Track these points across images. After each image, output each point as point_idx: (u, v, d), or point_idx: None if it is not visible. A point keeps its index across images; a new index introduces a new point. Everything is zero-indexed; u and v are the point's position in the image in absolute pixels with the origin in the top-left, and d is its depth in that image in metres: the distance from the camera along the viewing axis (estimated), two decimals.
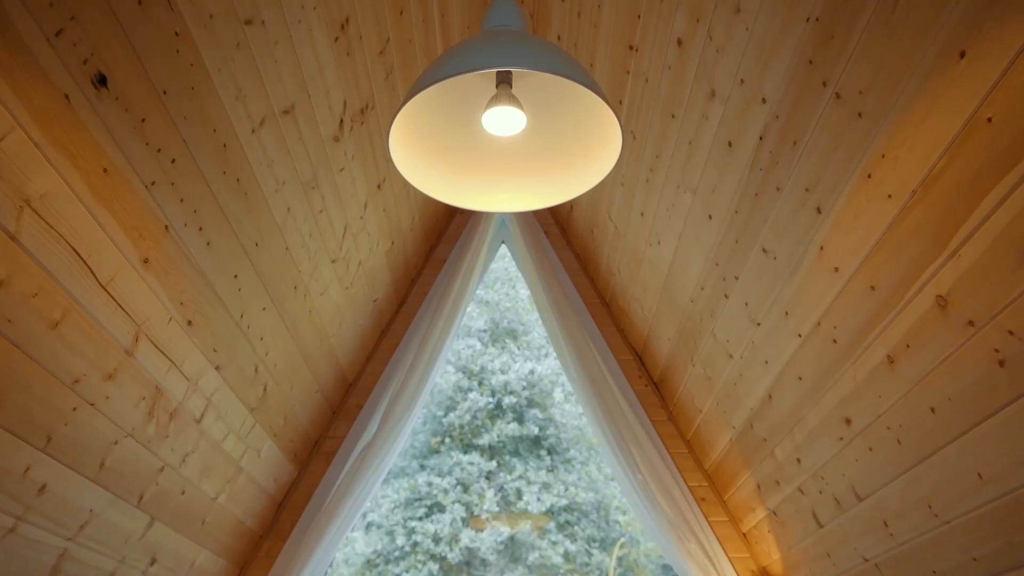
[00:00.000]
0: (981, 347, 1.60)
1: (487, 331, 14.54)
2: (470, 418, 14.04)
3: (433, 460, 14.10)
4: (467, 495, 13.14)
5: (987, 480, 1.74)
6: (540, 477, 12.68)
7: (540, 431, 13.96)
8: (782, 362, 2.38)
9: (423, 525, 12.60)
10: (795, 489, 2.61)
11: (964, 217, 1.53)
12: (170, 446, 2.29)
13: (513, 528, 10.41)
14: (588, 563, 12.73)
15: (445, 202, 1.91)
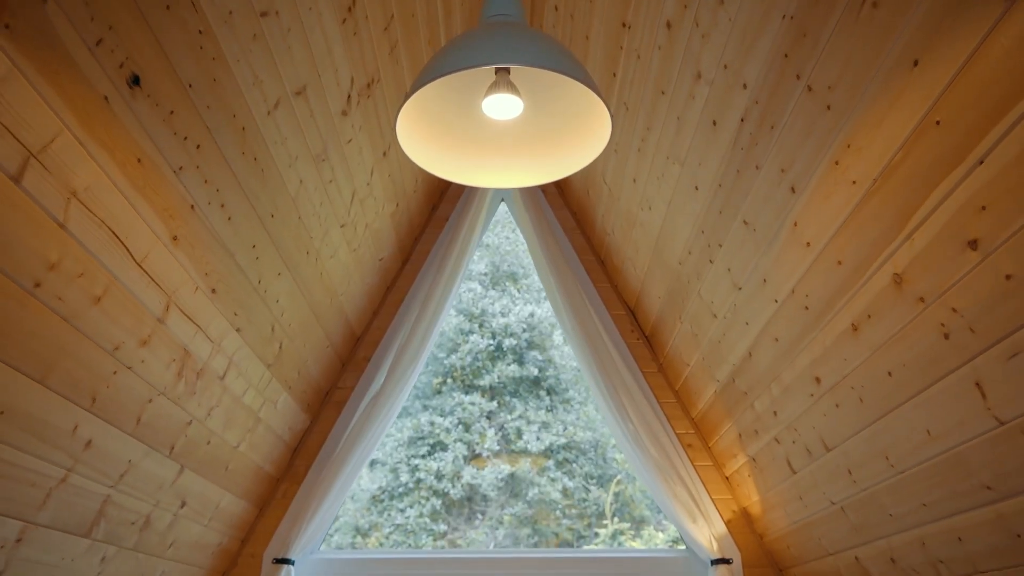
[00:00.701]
0: (930, 321, 1.79)
1: (487, 274, 14.72)
2: (471, 360, 14.31)
3: (435, 401, 14.40)
4: (468, 434, 13.49)
5: (935, 436, 1.94)
6: (539, 417, 13.01)
7: (539, 372, 14.24)
8: (760, 324, 2.57)
9: (426, 463, 12.96)
10: (772, 439, 2.83)
11: (917, 205, 1.70)
12: (197, 402, 2.50)
13: (513, 466, 10.76)
14: (586, 499, 13.12)
15: (450, 180, 2.08)
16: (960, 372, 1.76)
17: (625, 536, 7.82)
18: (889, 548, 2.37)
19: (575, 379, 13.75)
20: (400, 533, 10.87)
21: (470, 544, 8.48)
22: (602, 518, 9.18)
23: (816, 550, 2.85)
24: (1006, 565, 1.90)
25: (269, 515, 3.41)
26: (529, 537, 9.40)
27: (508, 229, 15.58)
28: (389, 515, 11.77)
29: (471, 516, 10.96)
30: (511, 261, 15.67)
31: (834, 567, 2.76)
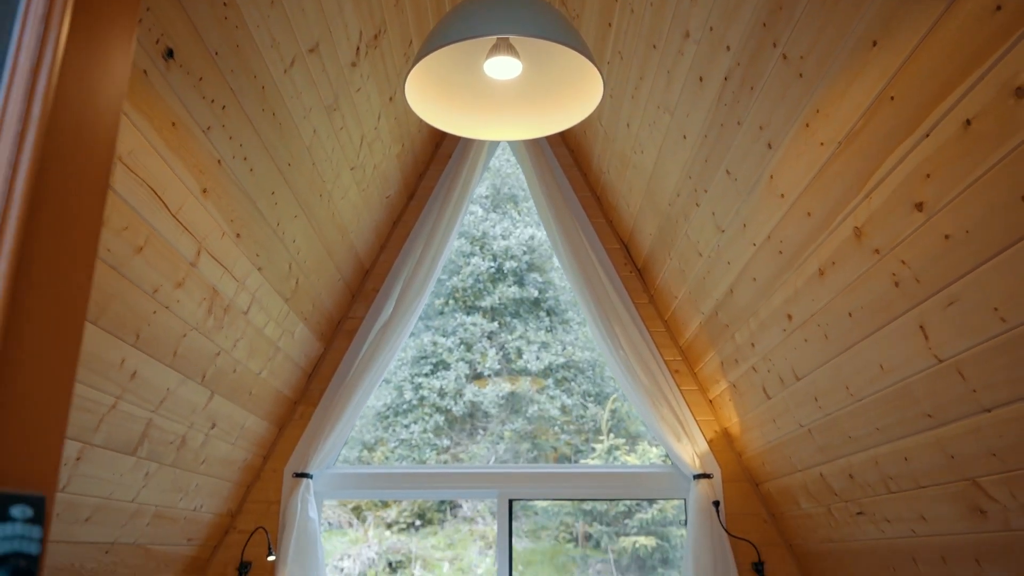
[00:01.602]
0: (883, 270, 2.01)
1: (488, 197, 14.88)
2: (472, 282, 14.61)
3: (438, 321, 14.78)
4: (470, 354, 13.90)
5: (886, 371, 2.19)
6: (539, 337, 13.39)
7: (540, 294, 14.55)
8: (740, 264, 2.79)
9: (429, 381, 13.42)
10: (750, 367, 3.09)
11: (874, 168, 1.90)
12: (224, 335, 2.74)
13: (513, 385, 11.18)
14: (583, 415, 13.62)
15: (456, 134, 2.27)
16: (907, 316, 1.99)
17: (620, 451, 8.20)
18: (848, 466, 2.64)
19: (574, 301, 14.06)
20: (405, 448, 11.36)
21: (472, 458, 8.87)
22: (599, 434, 9.59)
23: (786, 467, 3.14)
24: (943, 481, 2.17)
25: (288, 434, 3.71)
26: (528, 451, 9.82)
27: (508, 151, 15.64)
28: (394, 431, 12.28)
29: (473, 432, 11.44)
30: (511, 184, 15.78)
31: (802, 482, 3.06)
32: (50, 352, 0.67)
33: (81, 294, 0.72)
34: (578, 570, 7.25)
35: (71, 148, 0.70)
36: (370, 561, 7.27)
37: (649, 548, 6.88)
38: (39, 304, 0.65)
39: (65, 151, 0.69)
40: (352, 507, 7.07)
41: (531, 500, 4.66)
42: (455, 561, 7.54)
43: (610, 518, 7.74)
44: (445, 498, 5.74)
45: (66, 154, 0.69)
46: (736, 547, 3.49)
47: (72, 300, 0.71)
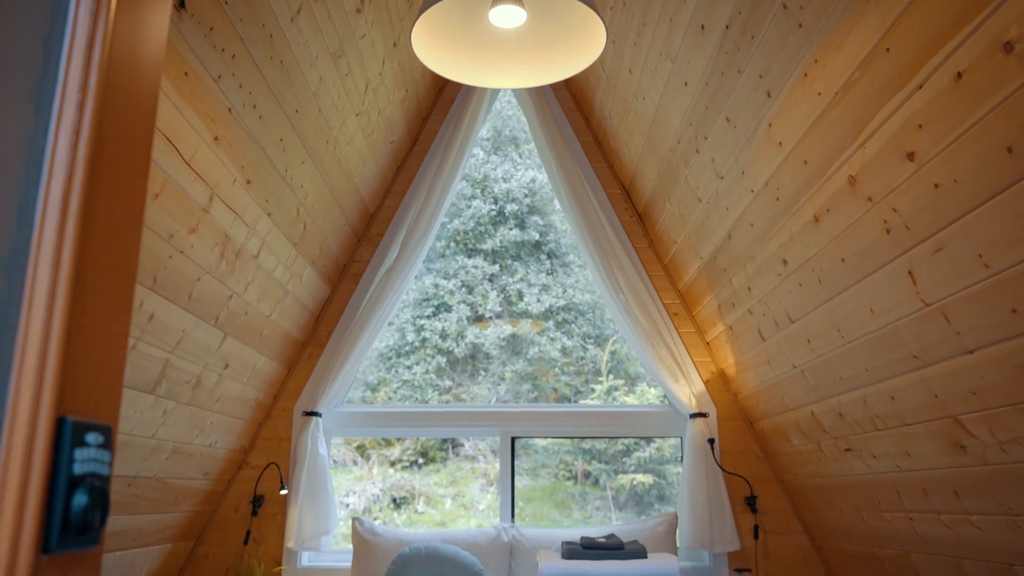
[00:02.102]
0: (875, 217, 2.08)
1: (489, 139, 14.83)
2: (474, 224, 14.66)
3: (439, 264, 14.92)
4: (471, 296, 14.03)
5: (876, 314, 2.28)
6: (540, 280, 13.50)
7: (540, 236, 14.62)
8: (739, 210, 2.86)
9: (431, 323, 13.58)
10: (746, 311, 3.17)
11: (869, 119, 1.95)
12: (236, 278, 2.82)
13: (514, 327, 11.33)
14: (583, 357, 13.82)
15: (462, 82, 2.31)
16: (897, 262, 2.07)
17: (619, 392, 8.36)
18: (838, 404, 2.75)
19: (575, 244, 14.13)
20: (407, 388, 11.55)
21: (473, 398, 9.02)
22: (598, 375, 9.74)
23: (780, 406, 3.25)
24: (926, 419, 2.27)
25: (297, 374, 3.82)
26: (529, 392, 9.97)
27: (511, 95, 15.52)
28: (397, 371, 12.45)
29: (474, 373, 11.60)
30: (513, 126, 15.69)
31: (794, 420, 3.18)
32: (111, 299, 0.75)
33: (134, 245, 0.80)
34: (577, 506, 7.46)
35: (122, 113, 0.77)
36: (374, 497, 7.48)
37: (646, 485, 7.08)
38: (102, 256, 0.73)
39: (117, 116, 0.76)
40: (356, 446, 7.25)
41: (532, 438, 4.79)
42: (457, 497, 7.75)
43: (609, 456, 7.93)
44: (450, 436, 5.91)
45: (118, 119, 0.76)
46: (730, 482, 3.63)
47: (128, 250, 0.78)
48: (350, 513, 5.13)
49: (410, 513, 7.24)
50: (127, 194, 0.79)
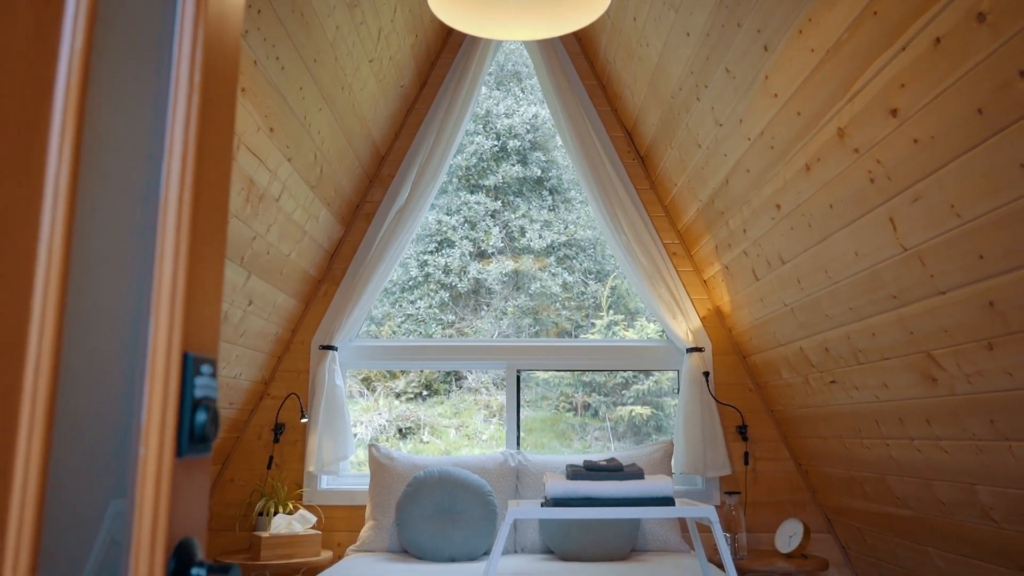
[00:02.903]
0: (861, 168, 2.24)
1: (492, 74, 14.74)
2: (476, 160, 14.70)
3: (442, 200, 15.02)
4: (474, 232, 14.16)
5: (860, 257, 2.45)
6: (542, 216, 13.61)
7: (543, 172, 14.67)
8: (736, 157, 3.00)
9: (434, 259, 13.75)
10: (741, 251, 3.35)
11: (857, 76, 2.09)
12: (259, 221, 2.99)
13: (516, 263, 11.50)
14: (584, 292, 14.04)
15: (476, 35, 2.43)
16: (879, 209, 2.24)
17: (619, 327, 8.57)
18: (824, 340, 2.95)
19: (577, 180, 14.21)
20: (411, 322, 11.78)
21: (476, 332, 9.23)
22: (599, 310, 9.95)
23: (771, 341, 3.46)
24: (902, 354, 2.47)
25: (312, 310, 4.02)
26: (531, 327, 10.18)
27: None
28: (401, 306, 12.68)
29: (477, 307, 11.83)
30: (515, 60, 15.57)
31: (784, 355, 3.38)
32: (214, 256, 0.92)
33: (225, 210, 0.97)
34: (576, 437, 7.75)
35: (218, 75, 0.93)
36: (381, 427, 7.77)
37: (644, 416, 7.36)
38: (207, 220, 0.90)
39: (215, 78, 0.92)
40: (362, 378, 7.50)
41: (536, 371, 5.02)
42: (461, 428, 8.04)
43: (608, 389, 8.20)
44: (459, 369, 6.12)
45: (216, 80, 0.92)
46: (723, 412, 3.86)
47: (221, 214, 0.95)
48: (356, 443, 5.39)
49: (416, 443, 7.53)
50: (221, 153, 0.95)
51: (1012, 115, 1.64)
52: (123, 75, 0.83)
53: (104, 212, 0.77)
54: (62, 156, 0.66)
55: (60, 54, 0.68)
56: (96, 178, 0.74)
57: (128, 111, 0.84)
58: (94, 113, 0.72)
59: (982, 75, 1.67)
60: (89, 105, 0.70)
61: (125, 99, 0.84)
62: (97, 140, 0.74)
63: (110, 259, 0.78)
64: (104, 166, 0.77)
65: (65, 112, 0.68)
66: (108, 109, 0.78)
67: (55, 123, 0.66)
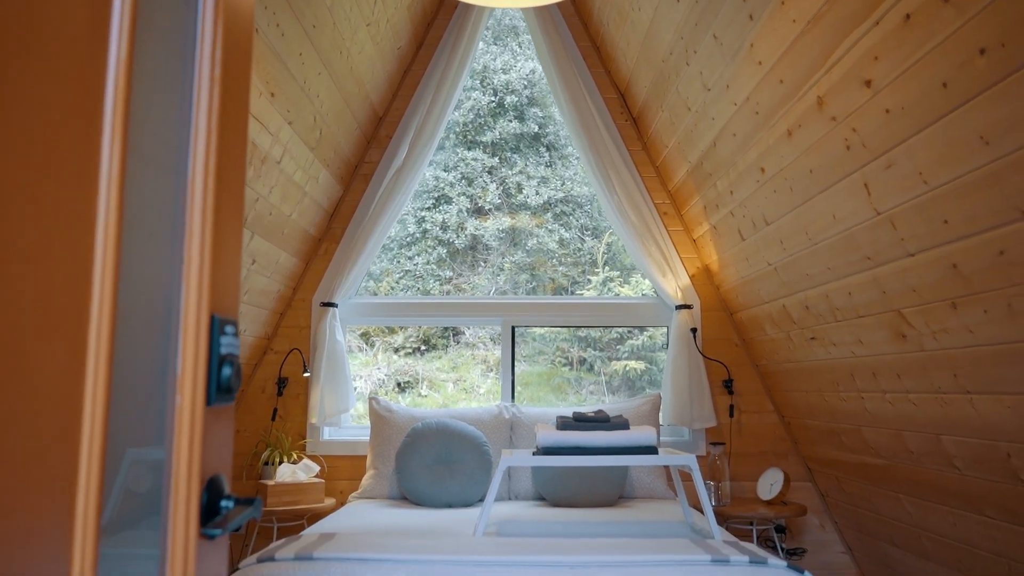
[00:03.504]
0: (838, 135, 2.34)
1: (489, 28, 14.59)
2: (473, 116, 14.64)
3: (439, 156, 14.99)
4: (471, 188, 14.17)
5: (837, 220, 2.57)
6: (539, 172, 13.62)
7: (540, 128, 14.64)
8: (723, 121, 3.10)
9: (432, 215, 13.80)
10: (728, 212, 3.46)
11: (835, 47, 2.19)
12: (262, 183, 3.09)
13: (513, 219, 11.57)
14: (581, 248, 14.12)
15: (470, 3, 2.50)
16: (855, 175, 2.35)
17: (615, 283, 8.69)
18: (805, 299, 3.08)
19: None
20: (409, 278, 11.92)
21: (473, 288, 9.34)
22: (594, 266, 10.07)
23: (755, 299, 3.59)
24: (876, 312, 2.60)
25: (313, 268, 4.14)
26: (528, 282, 10.32)
27: None
28: (399, 262, 12.80)
29: (474, 263, 11.94)
30: (513, 14, 15.43)
31: (767, 312, 3.52)
32: (233, 228, 1.04)
33: (241, 180, 1.09)
34: (572, 390, 7.92)
35: (235, 43, 1.04)
36: (380, 381, 7.93)
37: (638, 371, 7.52)
38: (227, 195, 1.01)
39: (232, 44, 1.03)
40: (361, 333, 7.64)
41: (531, 327, 5.16)
42: (459, 382, 8.20)
43: (603, 344, 8.35)
44: (455, 324, 6.26)
45: (234, 47, 1.03)
46: (710, 367, 4.01)
47: (238, 186, 1.07)
48: (357, 396, 5.55)
49: (414, 396, 7.70)
50: (238, 123, 1.07)
51: (973, 90, 1.75)
52: (156, 73, 0.94)
53: (144, 193, 0.88)
54: (113, 147, 0.78)
55: (109, 55, 0.78)
56: (138, 162, 0.85)
57: (160, 103, 0.95)
58: (136, 103, 0.83)
59: (947, 51, 1.77)
60: (133, 97, 0.82)
61: (157, 93, 0.95)
62: (139, 129, 0.85)
63: (150, 235, 0.90)
64: (144, 152, 0.88)
65: (115, 107, 0.79)
66: (145, 102, 0.89)
67: (106, 120, 0.77)
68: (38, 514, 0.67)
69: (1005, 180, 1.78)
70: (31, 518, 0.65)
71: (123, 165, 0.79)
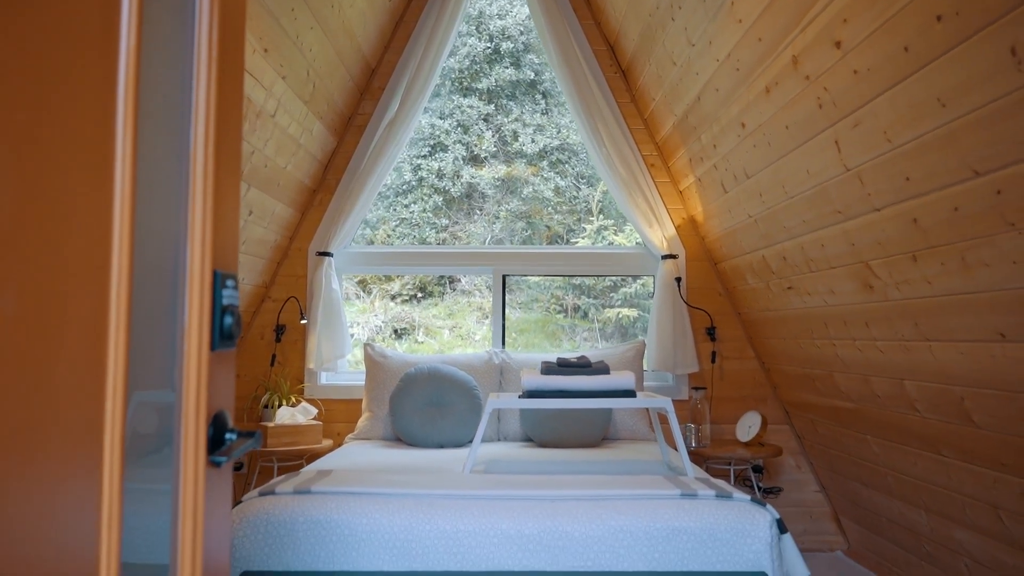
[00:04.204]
0: (811, 94, 2.43)
1: None
2: (469, 63, 14.54)
3: (435, 103, 14.93)
4: (467, 136, 14.15)
5: (811, 175, 2.67)
6: (535, 120, 13.58)
7: (536, 76, 14.55)
8: (706, 76, 3.18)
9: (428, 163, 13.81)
10: (712, 165, 3.56)
11: (809, 7, 2.26)
12: (257, 136, 3.18)
13: (509, 167, 11.61)
14: (576, 196, 14.17)
15: None
16: (826, 132, 2.45)
17: (609, 231, 8.77)
18: (783, 250, 3.20)
19: None
20: (406, 226, 11.98)
21: (469, 236, 9.42)
22: (589, 215, 10.13)
23: (737, 249, 3.71)
24: (846, 264, 2.72)
25: (308, 219, 4.24)
26: (523, 231, 10.39)
27: None
28: (395, 210, 12.83)
29: (470, 211, 11.99)
30: None
31: (749, 262, 3.64)
32: (232, 189, 1.15)
33: (238, 142, 1.19)
34: (566, 337, 8.08)
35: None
36: (377, 328, 8.08)
37: (631, 318, 7.66)
38: (225, 157, 1.12)
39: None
40: (358, 280, 7.75)
41: (522, 276, 5.28)
42: (455, 329, 8.35)
43: (597, 292, 8.48)
44: (446, 274, 6.37)
45: (230, 19, 1.13)
46: (694, 315, 4.15)
47: (235, 150, 1.18)
48: (354, 343, 5.70)
49: (411, 343, 7.85)
50: (233, 84, 1.17)
51: (931, 54, 1.84)
52: (161, 44, 1.04)
53: (151, 161, 0.99)
54: (127, 115, 0.88)
55: (121, 26, 0.89)
56: (147, 133, 0.96)
57: (164, 70, 1.06)
58: (145, 72, 0.94)
59: (908, 16, 1.86)
60: (143, 69, 0.92)
61: (163, 61, 1.05)
62: (147, 97, 0.96)
63: (157, 201, 1.01)
64: (152, 116, 0.99)
65: (127, 79, 0.89)
66: (151, 70, 0.99)
67: (120, 89, 0.88)
68: (72, 448, 0.79)
69: (960, 140, 1.88)
70: (65, 452, 0.78)
71: (135, 135, 0.90)
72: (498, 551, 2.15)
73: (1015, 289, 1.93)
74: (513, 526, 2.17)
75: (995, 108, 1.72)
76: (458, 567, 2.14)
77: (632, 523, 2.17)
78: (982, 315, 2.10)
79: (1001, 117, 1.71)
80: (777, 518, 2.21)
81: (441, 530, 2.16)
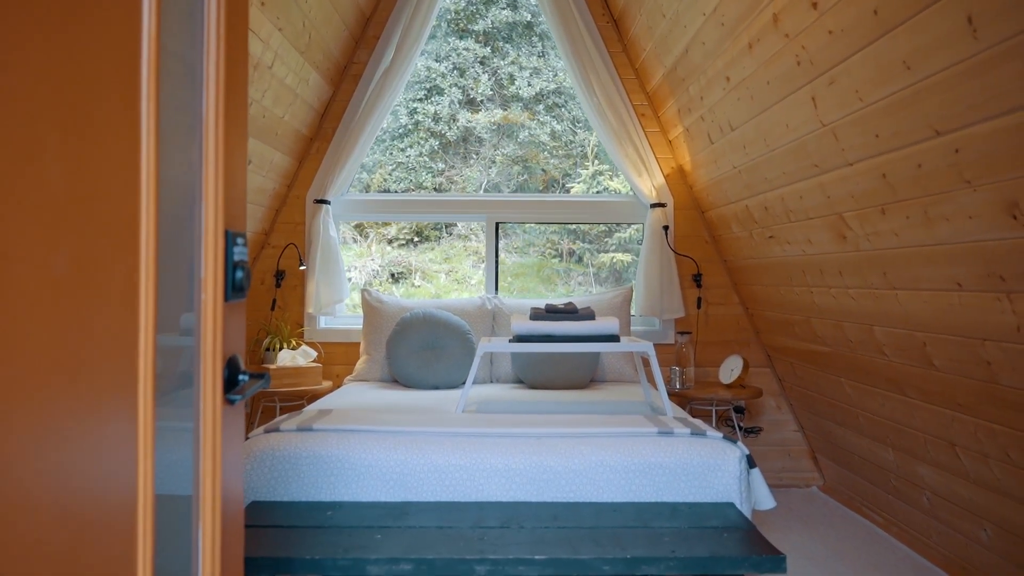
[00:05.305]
0: (790, 52, 2.52)
1: None
2: (464, 4, 14.38)
3: (431, 45, 14.77)
4: (463, 79, 14.06)
5: (791, 129, 2.77)
6: (531, 63, 13.48)
7: (533, 17, 14.40)
8: (694, 29, 3.25)
9: (424, 106, 13.74)
10: (699, 116, 3.65)
11: None
12: (255, 87, 3.26)
13: (505, 111, 11.59)
14: (572, 140, 14.16)
15: None
16: (804, 89, 2.54)
17: (604, 177, 8.84)
18: (764, 201, 3.32)
19: None
20: (402, 171, 11.99)
21: (465, 181, 9.47)
22: (585, 160, 10.16)
23: (723, 199, 3.82)
24: (822, 215, 2.84)
25: (306, 167, 4.33)
26: (519, 175, 10.43)
27: None
28: (391, 154, 12.82)
29: (466, 156, 11.99)
30: None
31: (734, 211, 3.76)
32: (239, 152, 1.27)
33: (244, 111, 1.31)
34: (561, 282, 8.23)
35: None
36: (374, 272, 8.22)
37: (625, 263, 7.81)
38: (233, 124, 1.24)
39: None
40: (355, 225, 7.86)
41: (514, 223, 5.39)
42: (451, 273, 8.50)
43: (592, 236, 8.61)
44: (441, 221, 6.49)
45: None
46: (681, 263, 4.28)
47: (242, 118, 1.29)
48: (352, 287, 5.84)
49: (407, 287, 8.00)
50: (239, 55, 1.28)
51: (896, 19, 1.94)
52: (175, 17, 1.15)
53: (169, 121, 1.11)
54: (149, 85, 1.00)
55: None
56: (165, 93, 1.08)
57: (178, 43, 1.17)
58: (164, 41, 1.05)
59: None
60: (162, 38, 1.03)
61: (179, 31, 1.16)
62: (165, 62, 1.07)
63: (176, 168, 1.13)
64: (170, 81, 1.10)
65: (149, 46, 1.00)
66: (169, 42, 1.10)
67: (144, 54, 0.99)
68: (111, 389, 0.93)
69: (923, 101, 1.99)
70: (105, 386, 0.92)
71: (156, 97, 1.01)
72: (487, 484, 2.32)
73: (970, 242, 2.06)
74: (501, 461, 2.34)
75: (953, 72, 1.82)
76: (449, 498, 2.32)
77: (612, 458, 2.34)
78: (941, 266, 2.23)
79: (958, 81, 1.82)
80: (746, 454, 2.38)
81: (434, 464, 2.33)
